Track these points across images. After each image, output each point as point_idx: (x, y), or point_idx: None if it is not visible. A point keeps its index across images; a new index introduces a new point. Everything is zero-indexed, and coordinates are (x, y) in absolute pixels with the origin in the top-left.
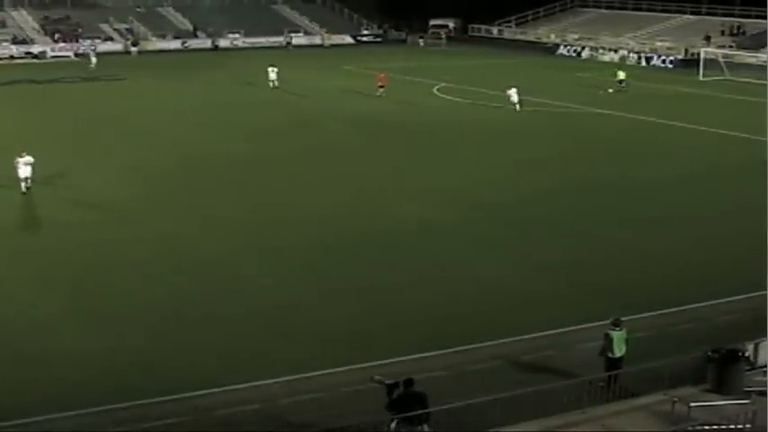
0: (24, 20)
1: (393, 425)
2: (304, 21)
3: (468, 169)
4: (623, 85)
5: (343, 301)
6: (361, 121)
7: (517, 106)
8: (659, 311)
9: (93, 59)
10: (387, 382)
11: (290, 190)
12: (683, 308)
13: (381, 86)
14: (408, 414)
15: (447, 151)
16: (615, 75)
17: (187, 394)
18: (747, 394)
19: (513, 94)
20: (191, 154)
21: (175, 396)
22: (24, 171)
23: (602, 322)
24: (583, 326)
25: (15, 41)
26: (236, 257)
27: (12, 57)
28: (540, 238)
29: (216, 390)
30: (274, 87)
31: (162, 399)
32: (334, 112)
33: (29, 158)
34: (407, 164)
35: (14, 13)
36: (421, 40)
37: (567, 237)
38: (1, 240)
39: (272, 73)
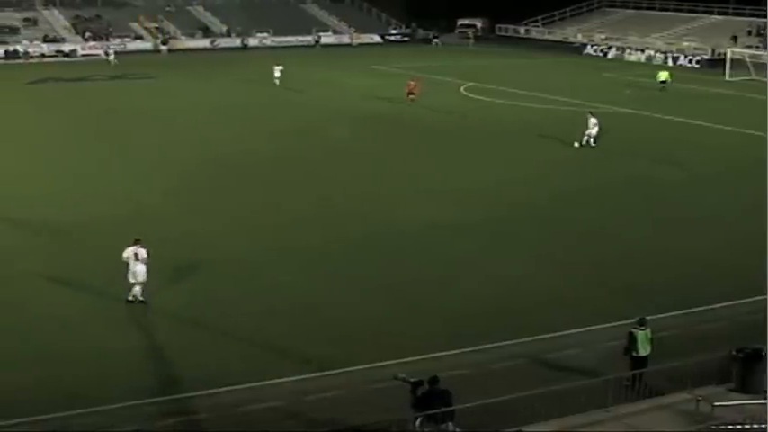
0: (56, 19)
1: (417, 422)
2: (333, 20)
3: (493, 169)
4: (665, 85)
5: (367, 299)
6: (388, 121)
7: (592, 140)
8: (684, 311)
9: (111, 58)
10: (411, 379)
11: (314, 189)
12: (707, 307)
13: (411, 95)
14: (433, 412)
15: (472, 151)
16: (656, 76)
17: (211, 391)
18: None
19: (593, 122)
20: (217, 152)
21: (199, 393)
22: None
23: (626, 321)
24: (607, 325)
25: (46, 40)
26: (258, 256)
27: (43, 55)
28: (564, 238)
29: (240, 386)
30: (277, 85)
31: (186, 395)
32: (361, 111)
33: None
34: (432, 163)
35: (46, 12)
36: (437, 40)
37: (591, 236)
38: (32, 241)
39: (277, 71)
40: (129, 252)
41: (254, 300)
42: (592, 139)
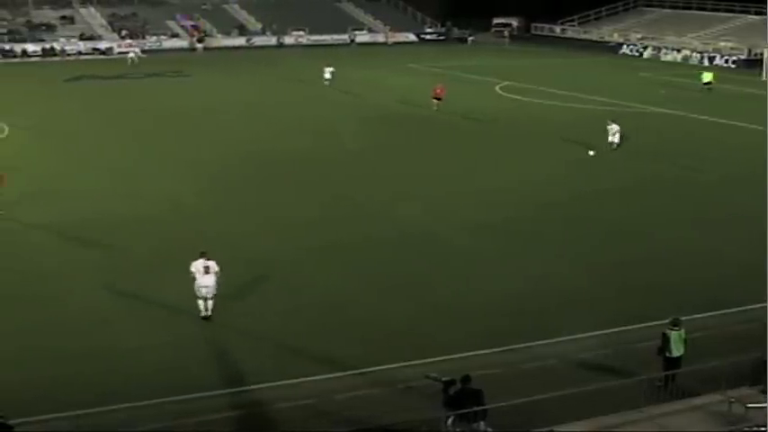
0: (92, 16)
1: (449, 422)
2: (368, 18)
3: (526, 168)
4: (709, 86)
5: (397, 297)
6: (421, 121)
7: (613, 144)
8: (717, 312)
9: (131, 56)
10: (443, 379)
11: (348, 187)
12: (741, 308)
13: (437, 99)
14: (465, 411)
15: (506, 150)
16: (701, 77)
17: (240, 389)
18: None
19: (614, 129)
20: (253, 151)
21: (229, 390)
22: None
23: (659, 322)
24: (639, 325)
25: (83, 38)
26: (288, 255)
27: (79, 53)
28: (595, 238)
29: (271, 384)
30: (328, 86)
31: (215, 393)
32: (396, 110)
33: None
34: (464, 163)
35: (83, 11)
36: (472, 39)
37: (623, 236)
38: (66, 238)
39: (327, 73)
40: (197, 265)
41: (284, 298)
42: (614, 145)
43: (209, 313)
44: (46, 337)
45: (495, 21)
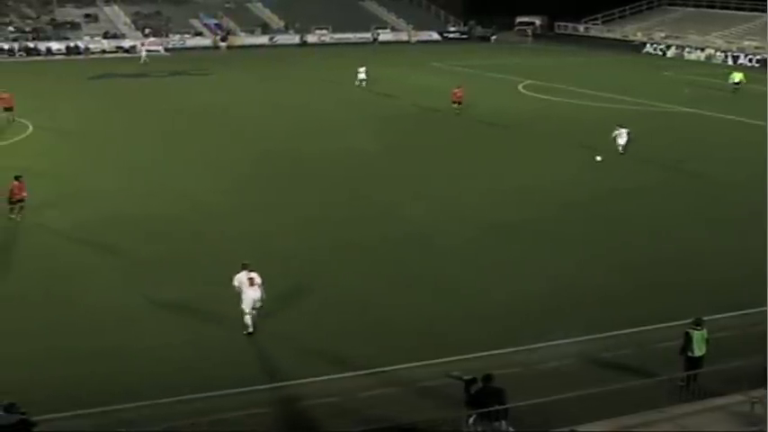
0: (116, 15)
1: (471, 420)
2: (391, 17)
3: (548, 167)
4: (738, 86)
5: (418, 297)
6: (443, 119)
7: (620, 148)
8: (739, 312)
9: (143, 55)
10: (464, 377)
11: (369, 187)
12: (764, 308)
13: (457, 103)
14: (486, 410)
15: (527, 149)
16: (730, 76)
17: (264, 386)
18: None
19: (623, 134)
20: (275, 149)
21: (254, 388)
22: None
23: (680, 321)
24: (661, 325)
25: (107, 36)
26: (312, 254)
27: (103, 51)
28: (618, 237)
29: (294, 382)
30: (362, 87)
31: (239, 390)
32: (419, 109)
33: None
34: (487, 162)
35: (107, 9)
36: (494, 37)
37: (646, 235)
38: (89, 236)
39: (362, 73)
40: (240, 278)
41: (304, 296)
42: (620, 148)
43: (251, 329)
44: (65, 335)
45: (519, 19)
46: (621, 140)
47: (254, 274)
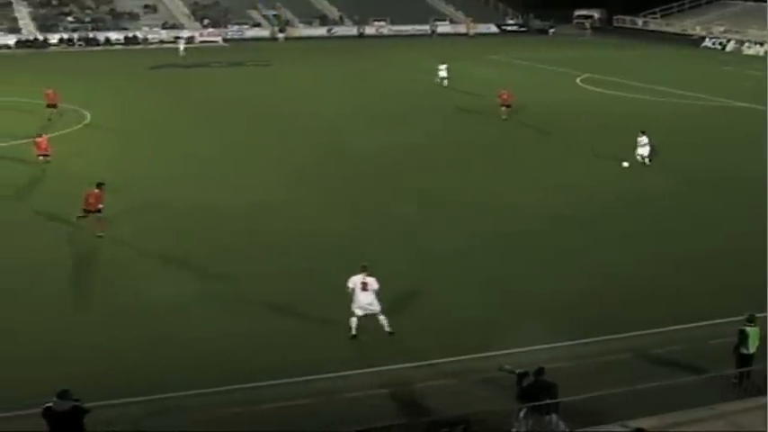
0: (175, 5)
1: (522, 414)
2: (449, 9)
3: (606, 161)
4: None
5: (474, 290)
6: (499, 112)
7: (643, 158)
8: None
9: (182, 48)
10: (516, 371)
11: (428, 181)
12: None
13: (506, 106)
14: (537, 404)
15: (586, 143)
16: None
17: (317, 376)
18: None
19: (644, 141)
20: (334, 143)
21: (305, 378)
22: None
23: (733, 318)
24: (715, 321)
25: (165, 26)
26: (368, 244)
27: (161, 41)
28: (673, 231)
29: (344, 373)
30: (442, 85)
31: (286, 380)
32: (476, 101)
33: None
34: (545, 156)
35: (166, 0)
36: (552, 30)
37: (702, 230)
38: (152, 224)
39: (443, 71)
40: (354, 281)
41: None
42: (647, 159)
43: (389, 330)
44: (119, 323)
45: (577, 12)
46: (643, 150)
47: (369, 279)
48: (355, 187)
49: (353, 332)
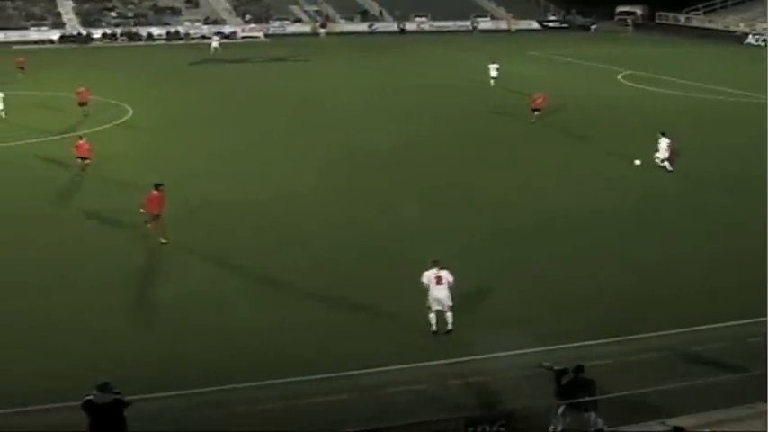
0: (217, 1)
1: (560, 411)
2: (491, 5)
3: (643, 156)
4: None
5: (511, 285)
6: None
7: (664, 162)
8: None
9: (215, 45)
10: (555, 368)
11: (465, 176)
12: None
13: (537, 111)
14: (576, 401)
15: (624, 138)
16: None
17: (355, 372)
18: None
19: (664, 147)
20: (374, 137)
21: (347, 373)
22: None
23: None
24: (754, 319)
25: (207, 22)
26: (406, 240)
27: (203, 36)
28: (711, 228)
29: (384, 368)
30: (494, 84)
31: (328, 375)
32: (515, 97)
33: None
34: (581, 151)
35: None
36: (594, 27)
37: (741, 227)
38: (185, 217)
39: (493, 70)
40: (428, 275)
41: (399, 283)
42: (667, 163)
43: (450, 327)
44: (161, 315)
45: (619, 9)
46: (661, 154)
47: (443, 273)
48: (390, 181)
49: (433, 328)
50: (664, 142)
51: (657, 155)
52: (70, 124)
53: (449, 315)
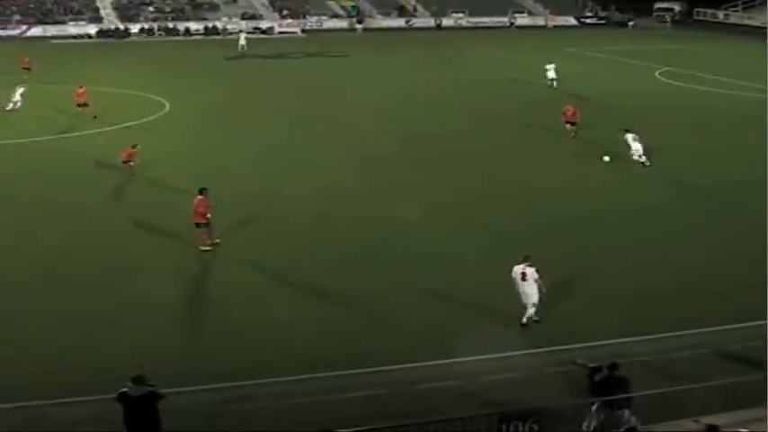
0: None
1: (594, 408)
2: (528, 1)
3: (680, 154)
4: None
5: (554, 283)
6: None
7: (643, 158)
8: None
9: (242, 42)
10: (590, 365)
11: (503, 171)
12: None
13: (571, 124)
14: (610, 398)
15: (664, 135)
16: None
17: (385, 368)
18: None
19: (630, 140)
20: (410, 133)
21: (378, 368)
22: None
23: None
24: None
25: (244, 17)
26: (443, 239)
27: (241, 31)
28: (747, 226)
29: (416, 364)
30: (552, 87)
31: (359, 371)
32: (550, 93)
33: None
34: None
35: None
36: (632, 23)
37: None
38: (221, 212)
39: (551, 71)
40: (516, 270)
41: (432, 282)
42: (643, 157)
43: (536, 318)
44: (196, 309)
45: (657, 5)
46: (635, 149)
47: (529, 269)
48: (428, 175)
49: (523, 320)
50: (630, 137)
51: (632, 151)
52: (104, 119)
53: (530, 310)
